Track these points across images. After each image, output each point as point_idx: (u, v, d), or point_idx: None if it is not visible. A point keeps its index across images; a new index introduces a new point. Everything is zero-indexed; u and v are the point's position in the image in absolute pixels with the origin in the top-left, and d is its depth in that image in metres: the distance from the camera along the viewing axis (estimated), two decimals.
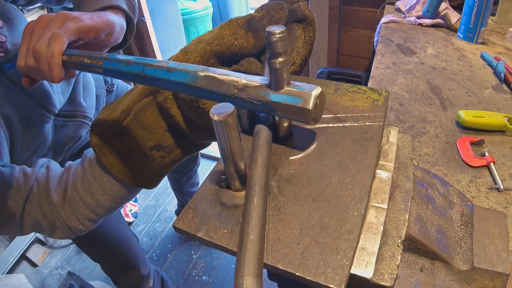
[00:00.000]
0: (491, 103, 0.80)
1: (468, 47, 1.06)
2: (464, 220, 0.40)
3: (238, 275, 0.24)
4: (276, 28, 0.30)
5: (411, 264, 0.36)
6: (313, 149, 0.37)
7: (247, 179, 0.31)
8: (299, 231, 0.29)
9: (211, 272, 1.62)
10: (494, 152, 0.66)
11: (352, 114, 0.41)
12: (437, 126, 0.74)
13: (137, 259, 1.17)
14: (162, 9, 2.43)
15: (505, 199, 0.57)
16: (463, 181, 0.61)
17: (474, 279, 0.35)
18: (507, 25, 1.11)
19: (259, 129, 0.36)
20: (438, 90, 0.86)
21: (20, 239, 1.68)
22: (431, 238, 0.36)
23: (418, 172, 0.44)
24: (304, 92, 0.32)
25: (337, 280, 0.26)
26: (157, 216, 1.91)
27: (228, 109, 0.28)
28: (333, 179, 0.34)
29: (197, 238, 0.31)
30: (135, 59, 0.41)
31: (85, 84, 0.86)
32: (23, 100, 0.66)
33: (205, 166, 2.07)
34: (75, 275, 1.63)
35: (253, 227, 0.27)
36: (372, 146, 0.36)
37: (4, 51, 0.62)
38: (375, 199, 0.34)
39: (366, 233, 0.31)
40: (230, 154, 0.31)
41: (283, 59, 0.31)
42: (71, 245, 1.81)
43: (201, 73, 0.36)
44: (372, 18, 1.56)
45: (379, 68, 0.98)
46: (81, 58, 0.45)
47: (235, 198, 0.33)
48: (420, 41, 1.12)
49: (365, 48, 1.69)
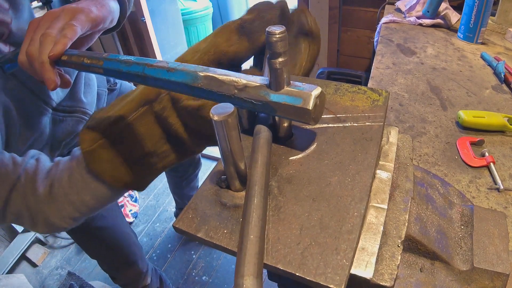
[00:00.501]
0: (491, 103, 0.80)
1: (468, 47, 1.06)
2: (464, 220, 0.40)
3: (238, 275, 0.24)
4: (276, 28, 0.30)
5: (411, 264, 0.36)
6: (313, 149, 0.37)
7: (247, 180, 0.31)
8: (299, 231, 0.29)
9: (211, 272, 1.62)
10: (494, 152, 0.66)
11: (352, 114, 0.41)
12: (437, 126, 0.74)
13: (135, 256, 1.17)
14: (162, 9, 2.43)
15: (505, 199, 0.57)
16: (463, 181, 0.61)
17: (474, 279, 0.35)
18: (507, 25, 1.11)
19: (259, 129, 0.36)
20: (438, 90, 0.86)
21: (20, 239, 1.68)
22: (431, 238, 0.36)
23: (418, 172, 0.44)
24: (304, 92, 0.32)
25: (337, 280, 0.26)
26: (157, 216, 1.91)
27: (228, 109, 0.28)
28: (333, 179, 0.34)
29: (197, 238, 0.31)
30: (135, 59, 0.41)
31: (86, 80, 0.86)
32: (20, 91, 0.65)
33: (205, 166, 2.07)
34: (75, 275, 1.63)
35: (253, 227, 0.27)
36: (372, 146, 0.36)
37: (9, 33, 0.62)
38: (375, 199, 0.34)
39: (366, 233, 0.31)
40: (230, 154, 0.31)
41: (283, 59, 0.31)
42: (71, 245, 1.81)
43: (201, 73, 0.36)
44: (372, 18, 1.56)
45: (379, 68, 0.98)
46: (81, 58, 0.45)
47: (235, 199, 0.33)
48: (420, 41, 1.12)
49: (365, 48, 1.69)
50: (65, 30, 0.46)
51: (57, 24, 0.47)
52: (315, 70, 1.81)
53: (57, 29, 0.47)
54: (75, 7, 0.49)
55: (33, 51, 0.47)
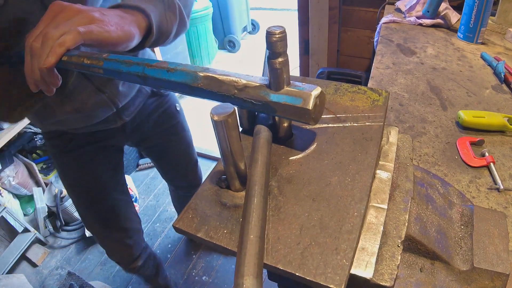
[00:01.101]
0: (491, 103, 0.80)
1: (468, 47, 1.06)
2: (464, 220, 0.40)
3: (238, 275, 0.24)
4: (276, 28, 0.30)
5: (411, 264, 0.36)
6: (313, 149, 0.37)
7: (247, 179, 0.31)
8: (299, 231, 0.29)
9: (211, 272, 1.62)
10: (494, 152, 0.66)
11: (352, 114, 0.41)
12: (437, 126, 0.74)
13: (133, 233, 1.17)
14: None
15: (505, 199, 0.57)
16: (463, 181, 0.61)
17: (474, 279, 0.35)
18: (507, 25, 1.11)
19: (259, 129, 0.36)
20: (438, 90, 0.86)
21: (20, 239, 1.68)
22: (431, 238, 0.36)
23: (418, 172, 0.44)
24: (304, 92, 0.32)
25: (337, 280, 0.26)
26: (157, 216, 1.91)
27: (228, 109, 0.28)
28: (333, 179, 0.34)
29: (197, 238, 0.31)
30: (135, 59, 0.41)
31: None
32: None
33: (205, 166, 2.07)
34: (75, 275, 1.63)
35: (253, 227, 0.27)
36: (372, 146, 0.36)
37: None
38: (375, 199, 0.34)
39: (366, 233, 0.31)
40: (230, 154, 0.31)
41: (283, 59, 0.31)
42: (71, 245, 1.81)
43: (201, 73, 0.36)
44: (372, 18, 1.56)
45: (379, 68, 0.98)
46: (81, 59, 0.45)
47: (235, 198, 0.33)
48: (420, 41, 1.12)
49: (365, 48, 1.69)
50: (67, 35, 0.44)
51: (65, 27, 0.46)
52: (315, 70, 1.81)
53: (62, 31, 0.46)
54: (94, 17, 0.47)
55: (33, 49, 0.47)
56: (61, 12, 0.47)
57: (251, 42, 3.81)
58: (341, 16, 1.63)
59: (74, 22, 0.46)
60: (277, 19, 4.35)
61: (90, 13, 0.48)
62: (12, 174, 1.69)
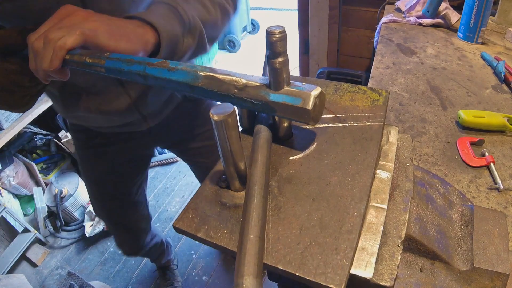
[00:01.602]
0: (491, 103, 0.80)
1: (468, 47, 1.06)
2: (464, 220, 0.40)
3: (238, 275, 0.24)
4: (276, 28, 0.30)
5: (411, 264, 0.36)
6: (313, 149, 0.37)
7: (247, 179, 0.31)
8: (299, 231, 0.29)
9: (211, 272, 1.62)
10: (494, 152, 0.66)
11: (352, 114, 0.41)
12: (437, 126, 0.74)
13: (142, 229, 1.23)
14: None
15: (505, 199, 0.57)
16: (463, 181, 0.61)
17: (474, 279, 0.35)
18: (507, 25, 1.11)
19: (259, 129, 0.36)
20: (438, 90, 0.86)
21: (20, 239, 1.68)
22: (431, 238, 0.36)
23: (418, 172, 0.44)
24: (304, 92, 0.32)
25: (337, 280, 0.26)
26: (157, 216, 1.91)
27: (228, 109, 0.28)
28: (333, 179, 0.34)
29: (197, 238, 0.31)
30: (136, 58, 0.41)
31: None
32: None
33: None
34: (75, 275, 1.63)
35: (253, 227, 0.27)
36: (372, 146, 0.36)
37: None
38: (375, 199, 0.34)
39: (366, 233, 0.31)
40: (230, 154, 0.31)
41: (283, 59, 0.31)
42: (71, 245, 1.81)
43: (201, 72, 0.36)
44: (372, 18, 1.56)
45: (379, 68, 0.98)
46: (83, 58, 0.45)
47: (235, 198, 0.33)
48: (420, 41, 1.12)
49: (365, 48, 1.69)
50: (68, 36, 0.44)
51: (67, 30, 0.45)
52: (315, 70, 1.81)
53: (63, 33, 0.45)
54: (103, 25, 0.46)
55: (35, 49, 0.47)
56: (68, 16, 0.47)
57: (251, 42, 3.80)
58: (341, 16, 1.63)
59: (77, 26, 0.46)
60: (277, 19, 4.35)
61: (97, 20, 0.47)
62: (12, 174, 1.69)
